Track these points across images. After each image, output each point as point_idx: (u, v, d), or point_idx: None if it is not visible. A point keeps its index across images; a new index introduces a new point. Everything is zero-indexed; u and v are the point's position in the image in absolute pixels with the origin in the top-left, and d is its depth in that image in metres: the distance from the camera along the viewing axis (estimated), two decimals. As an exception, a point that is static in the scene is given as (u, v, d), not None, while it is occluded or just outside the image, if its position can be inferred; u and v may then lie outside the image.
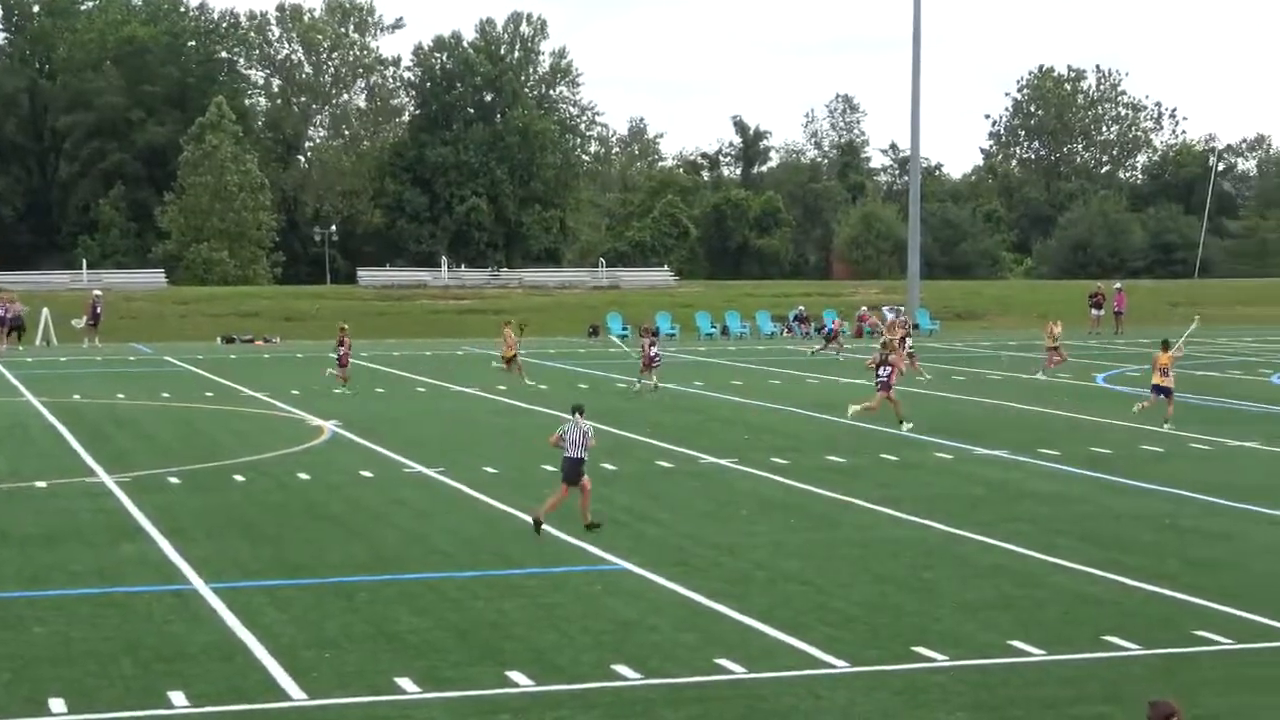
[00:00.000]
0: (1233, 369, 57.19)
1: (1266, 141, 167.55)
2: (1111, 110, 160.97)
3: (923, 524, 26.86)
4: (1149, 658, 18.47)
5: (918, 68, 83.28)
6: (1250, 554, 24.37)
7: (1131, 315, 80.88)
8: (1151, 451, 35.77)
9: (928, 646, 18.85)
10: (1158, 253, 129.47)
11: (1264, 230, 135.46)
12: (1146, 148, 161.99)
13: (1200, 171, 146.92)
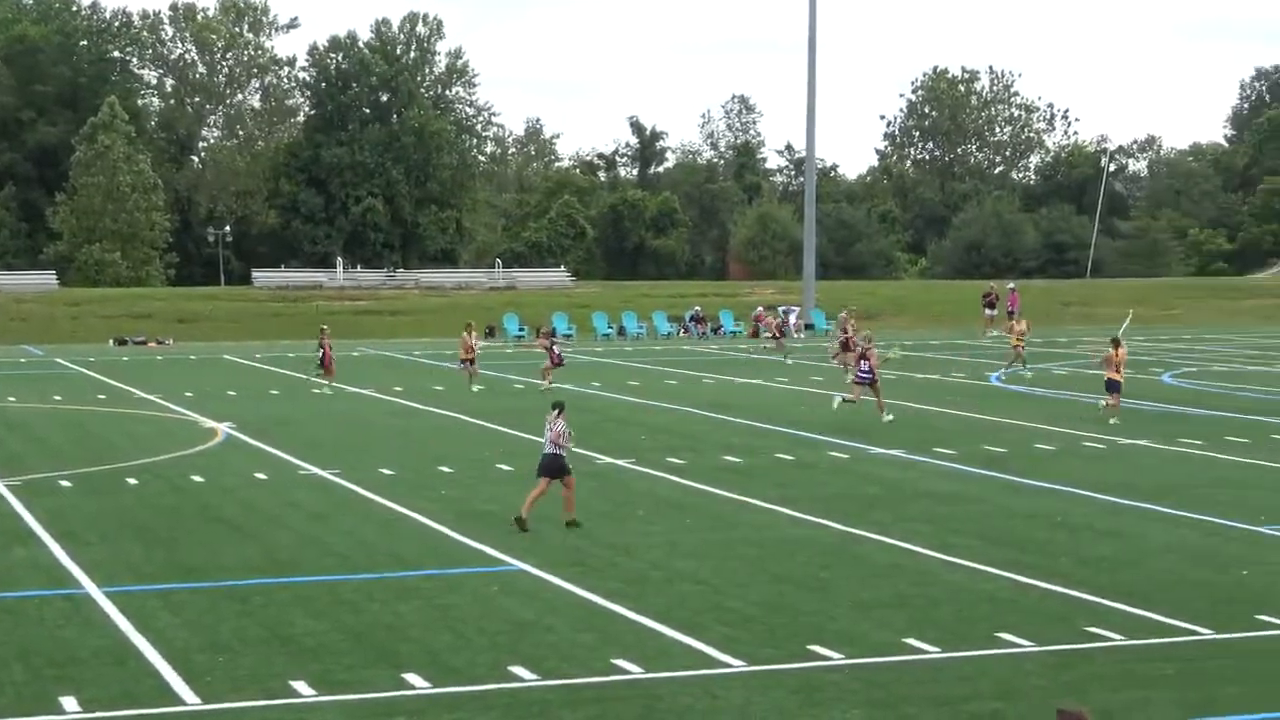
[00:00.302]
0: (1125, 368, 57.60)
1: (1157, 142, 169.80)
2: (1005, 111, 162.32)
3: (819, 523, 26.96)
4: (1042, 654, 18.61)
5: (813, 69, 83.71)
6: (1143, 552, 24.60)
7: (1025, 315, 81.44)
8: (1045, 450, 36.06)
9: (824, 645, 18.92)
10: (1050, 253, 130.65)
11: (1155, 230, 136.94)
12: (1039, 149, 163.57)
13: (1092, 172, 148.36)
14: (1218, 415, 42.31)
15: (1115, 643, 19.08)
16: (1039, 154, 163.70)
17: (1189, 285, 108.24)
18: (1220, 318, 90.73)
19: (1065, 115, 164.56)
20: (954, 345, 70.03)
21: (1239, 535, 25.92)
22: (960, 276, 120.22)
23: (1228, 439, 37.58)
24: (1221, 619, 20.14)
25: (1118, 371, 41.65)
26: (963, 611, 20.66)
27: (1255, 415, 42.18)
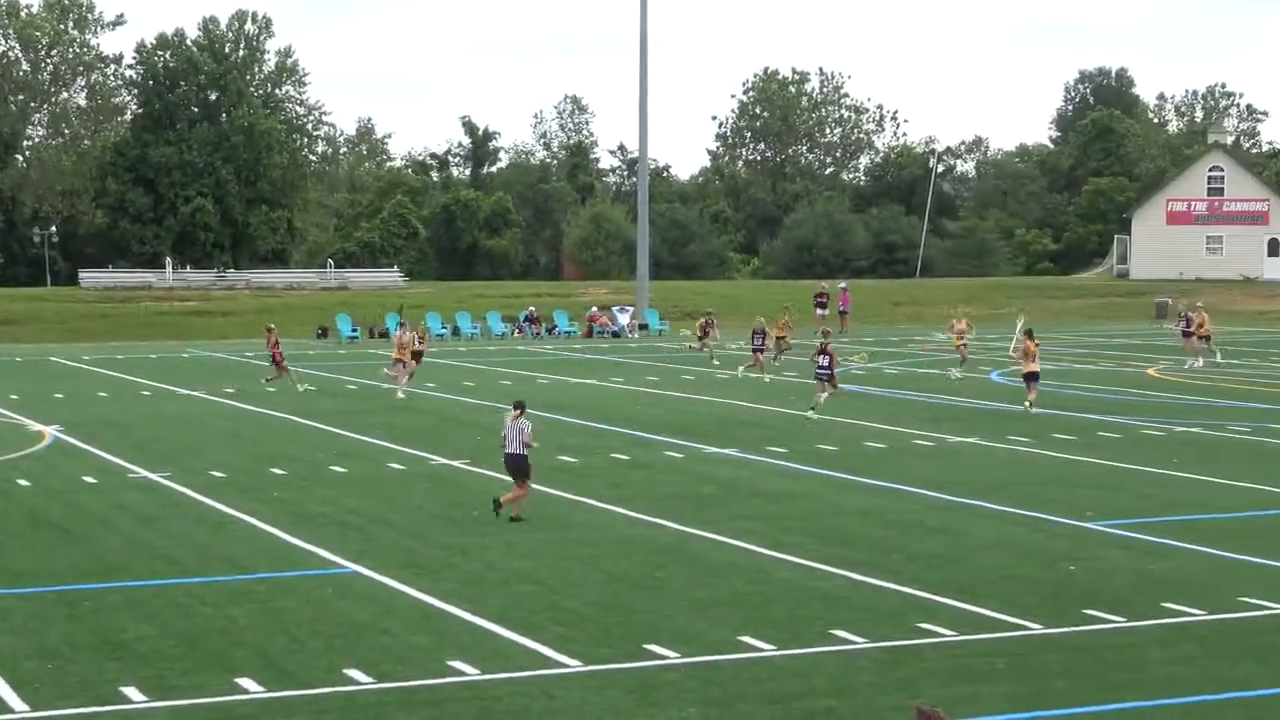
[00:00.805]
0: (953, 367, 58.43)
1: (984, 144, 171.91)
2: (835, 112, 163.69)
3: (655, 523, 27.05)
4: (874, 651, 18.81)
5: (645, 70, 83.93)
6: (972, 548, 24.93)
7: (856, 314, 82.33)
8: (876, 448, 36.43)
9: (660, 644, 18.99)
10: (881, 253, 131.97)
11: (982, 230, 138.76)
12: (869, 149, 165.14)
13: (921, 173, 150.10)
14: (1045, 413, 42.94)
15: (946, 638, 19.32)
16: (869, 155, 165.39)
17: (1016, 285, 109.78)
18: (1047, 316, 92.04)
19: (894, 116, 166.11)
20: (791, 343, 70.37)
21: (1066, 531, 26.34)
22: (792, 276, 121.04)
23: (1055, 436, 38.18)
24: (1050, 614, 20.46)
25: (1034, 362, 42.74)
26: (797, 609, 20.82)
27: (1082, 413, 42.88)
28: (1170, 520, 27.24)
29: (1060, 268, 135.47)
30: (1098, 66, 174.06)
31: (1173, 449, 36.28)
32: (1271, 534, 26.10)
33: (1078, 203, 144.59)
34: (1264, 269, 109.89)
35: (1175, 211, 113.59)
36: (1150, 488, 30.87)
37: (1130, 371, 56.46)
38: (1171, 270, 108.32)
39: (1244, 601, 21.09)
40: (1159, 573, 23.02)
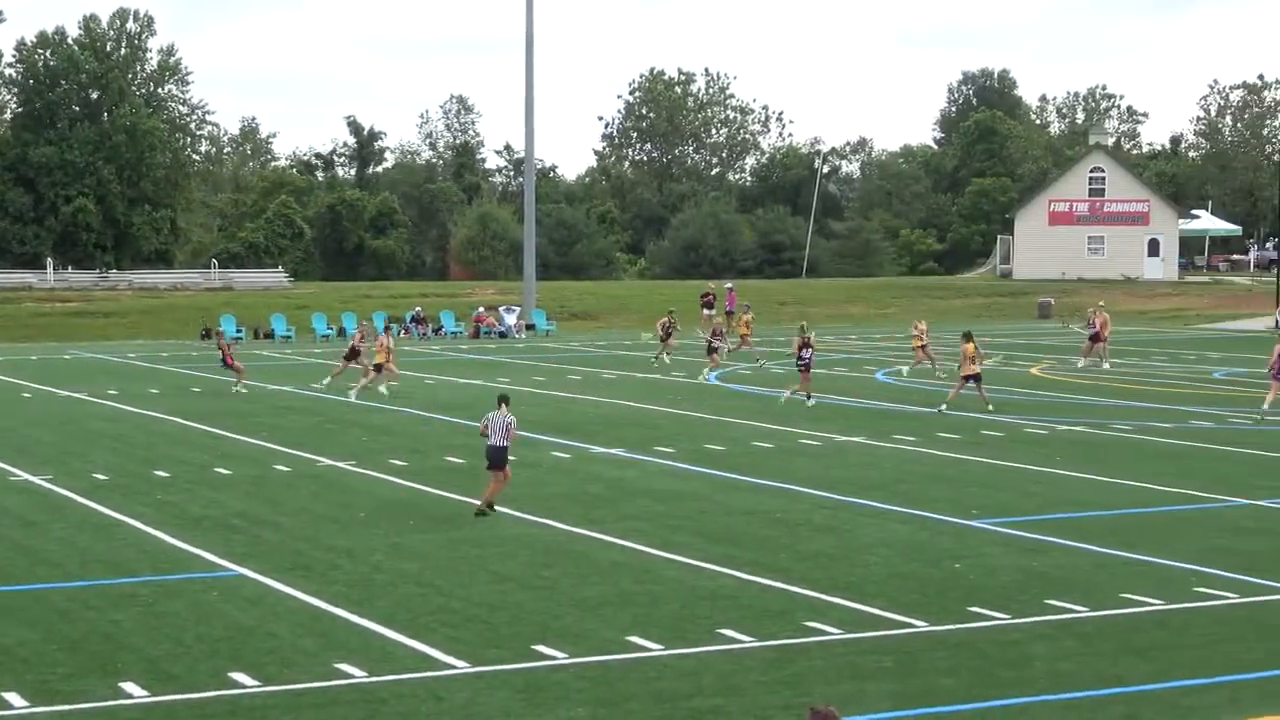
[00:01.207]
0: (839, 366, 58.80)
1: (868, 145, 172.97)
2: (721, 113, 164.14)
3: (542, 523, 27.04)
4: (763, 649, 18.88)
5: (531, 70, 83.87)
6: (859, 547, 25.08)
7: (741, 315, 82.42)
8: (764, 448, 36.56)
9: (548, 644, 18.98)
10: (767, 253, 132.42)
11: (867, 231, 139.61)
12: (755, 150, 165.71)
13: (806, 173, 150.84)
14: (929, 412, 43.28)
15: (833, 637, 19.43)
16: (755, 155, 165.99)
17: (901, 284, 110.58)
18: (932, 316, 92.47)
19: (780, 117, 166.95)
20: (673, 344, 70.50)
21: (951, 529, 26.55)
22: (679, 276, 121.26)
23: (939, 435, 38.48)
24: (935, 611, 20.63)
25: (974, 364, 43.33)
26: (684, 608, 20.87)
27: (965, 412, 43.21)
28: (1053, 518, 27.53)
29: (944, 268, 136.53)
30: (980, 68, 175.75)
31: (1056, 447, 36.66)
32: (1152, 531, 26.43)
33: (961, 203, 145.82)
34: (1144, 269, 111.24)
35: (1057, 212, 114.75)
36: (1034, 486, 31.18)
37: (1014, 370, 56.97)
38: (1054, 270, 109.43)
39: (1125, 598, 21.35)
40: (1042, 570, 23.26)
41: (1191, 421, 41.43)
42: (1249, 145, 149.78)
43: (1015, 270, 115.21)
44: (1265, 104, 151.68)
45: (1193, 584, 22.23)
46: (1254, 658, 18.49)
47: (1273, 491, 30.17)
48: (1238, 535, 26.05)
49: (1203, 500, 29.38)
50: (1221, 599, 21.41)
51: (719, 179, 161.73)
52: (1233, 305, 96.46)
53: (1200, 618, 20.47)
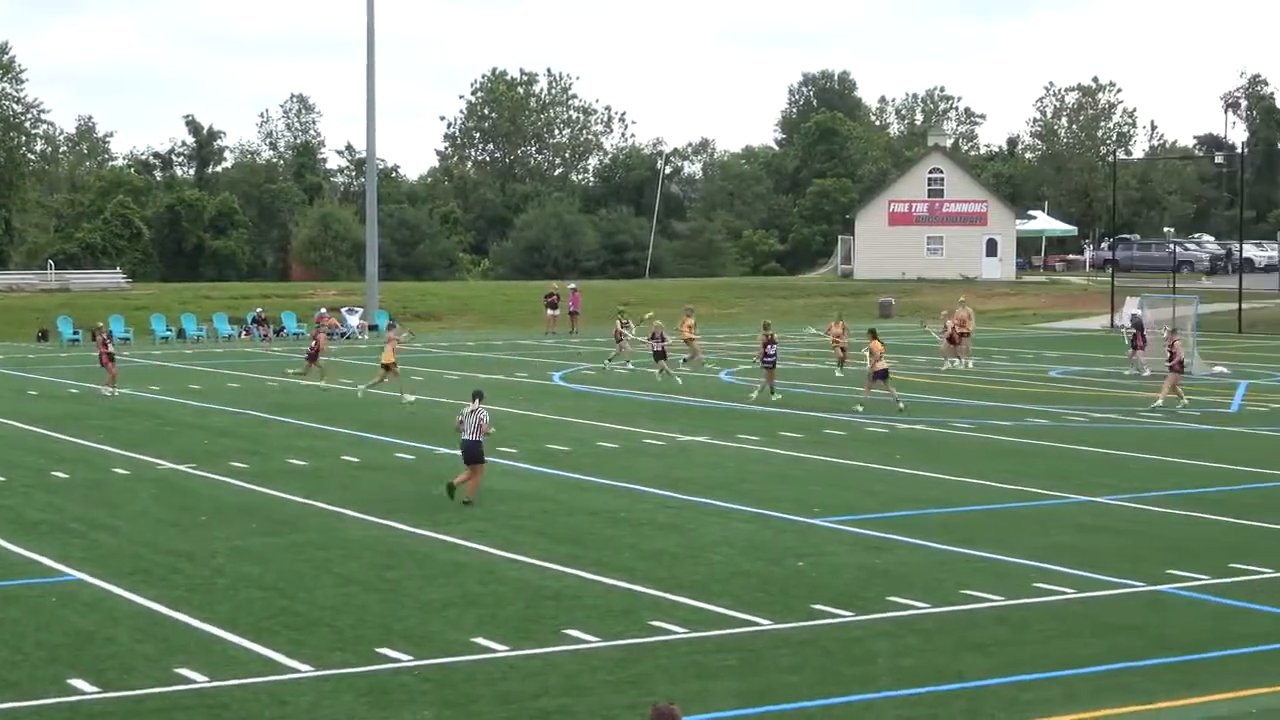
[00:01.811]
0: (683, 366, 58.97)
1: (710, 146, 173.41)
2: (563, 114, 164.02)
3: (385, 525, 26.91)
4: (608, 649, 18.91)
5: (372, 69, 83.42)
6: (703, 545, 25.18)
7: (586, 314, 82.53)
8: (607, 448, 36.62)
9: (392, 647, 18.89)
10: (610, 253, 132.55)
11: (710, 231, 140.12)
12: (597, 151, 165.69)
13: (649, 174, 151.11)
14: (773, 411, 43.55)
15: (678, 636, 19.49)
16: (598, 156, 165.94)
17: (744, 285, 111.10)
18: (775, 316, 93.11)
19: (622, 118, 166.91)
20: (517, 345, 70.57)
21: (794, 528, 26.74)
22: (522, 277, 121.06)
23: (782, 434, 38.73)
24: (779, 609, 20.76)
25: (881, 360, 43.82)
26: (529, 609, 20.86)
27: (808, 411, 43.54)
28: (895, 516, 27.80)
29: (787, 268, 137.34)
30: (821, 70, 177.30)
31: (896, 445, 37.02)
32: (992, 528, 26.76)
33: (802, 204, 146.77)
34: (982, 268, 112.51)
35: (897, 212, 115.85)
36: (875, 484, 31.48)
37: (855, 370, 57.39)
38: (894, 270, 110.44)
39: (966, 594, 21.61)
40: (884, 567, 23.49)
41: (1029, 420, 42.01)
42: (1084, 146, 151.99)
43: (856, 270, 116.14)
44: (1099, 106, 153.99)
45: (1032, 580, 22.54)
46: (1090, 653, 18.77)
47: (1111, 488, 30.67)
48: (1077, 532, 26.45)
49: (1042, 497, 29.81)
50: (1060, 595, 21.73)
51: (562, 179, 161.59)
52: (1069, 305, 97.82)
53: (1039, 613, 20.76)
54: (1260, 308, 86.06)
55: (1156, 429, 40.35)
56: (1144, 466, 33.78)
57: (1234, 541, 25.49)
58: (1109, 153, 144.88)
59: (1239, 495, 30.09)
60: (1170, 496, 29.79)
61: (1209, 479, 32.00)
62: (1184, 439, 38.54)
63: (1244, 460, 34.45)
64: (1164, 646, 19.07)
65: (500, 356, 63.88)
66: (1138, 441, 37.67)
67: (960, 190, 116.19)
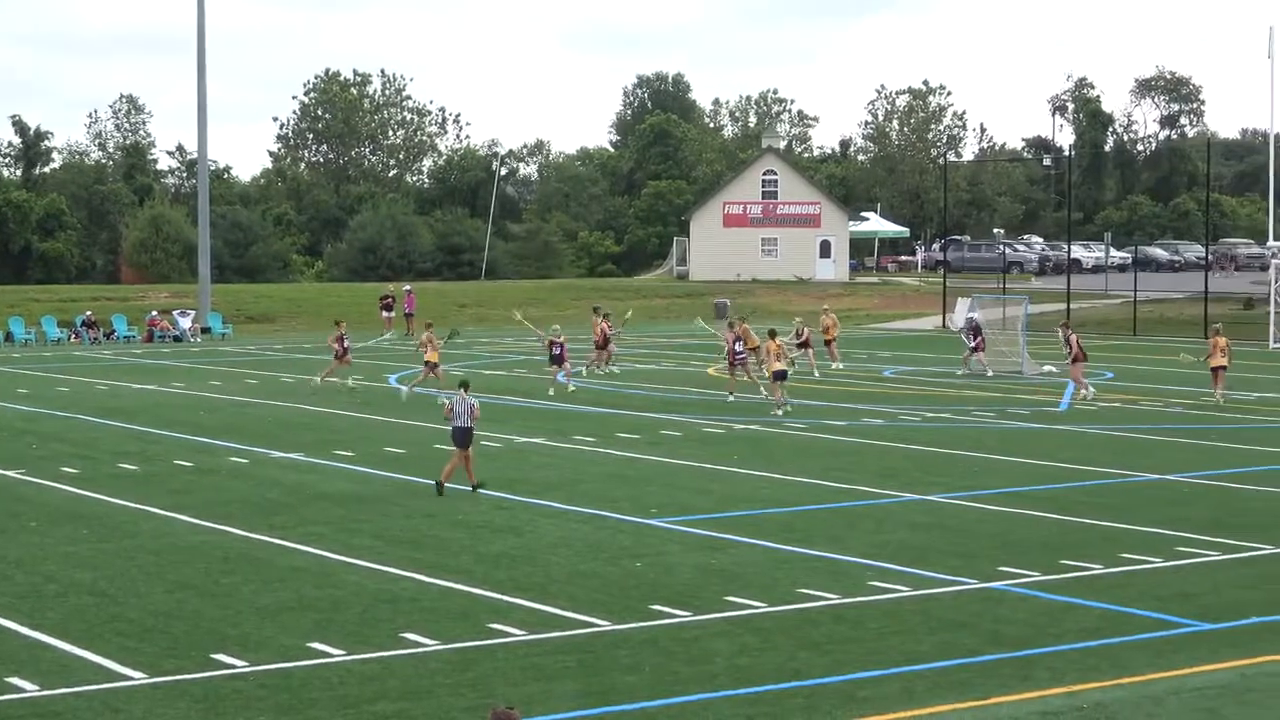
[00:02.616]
0: (519, 368, 58.97)
1: (546, 147, 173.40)
2: (397, 114, 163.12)
3: (219, 529, 26.63)
4: (446, 652, 18.84)
5: (203, 69, 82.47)
6: (540, 547, 25.17)
7: (422, 317, 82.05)
8: (444, 451, 36.44)
9: (227, 653, 18.68)
10: (445, 255, 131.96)
11: (545, 233, 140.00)
12: (432, 152, 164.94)
13: (484, 175, 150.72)
14: (610, 412, 43.63)
15: (517, 638, 19.46)
16: (432, 157, 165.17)
17: (580, 286, 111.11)
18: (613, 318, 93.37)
19: (457, 119, 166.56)
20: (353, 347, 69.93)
21: (631, 528, 26.79)
22: (357, 279, 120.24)
23: (619, 435, 38.81)
24: (617, 610, 20.79)
25: (779, 360, 44.20)
26: (366, 613, 20.74)
27: (645, 412, 43.67)
28: (731, 515, 27.95)
29: (623, 269, 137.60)
30: (655, 71, 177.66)
31: (732, 445, 37.22)
32: (826, 526, 26.99)
33: (638, 205, 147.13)
34: (816, 270, 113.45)
35: (732, 214, 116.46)
36: (711, 484, 31.63)
37: (691, 370, 57.69)
38: (729, 272, 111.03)
39: (801, 593, 21.76)
40: (721, 567, 23.60)
41: (863, 419, 42.41)
42: (915, 149, 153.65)
43: (691, 272, 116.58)
44: (930, 109, 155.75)
45: (867, 578, 22.75)
46: (925, 649, 18.98)
47: (943, 486, 31.03)
48: (910, 530, 26.73)
49: (876, 496, 30.10)
50: (895, 592, 21.95)
51: (397, 181, 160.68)
52: (901, 305, 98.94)
53: (874, 611, 20.96)
54: (1088, 308, 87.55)
55: (988, 428, 40.90)
56: (975, 465, 34.22)
57: (1063, 538, 25.90)
58: (940, 155, 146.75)
59: (1068, 493, 30.57)
60: (1001, 494, 30.20)
61: (1039, 477, 32.49)
62: (1014, 438, 39.10)
63: (1072, 458, 35.02)
64: (997, 642, 19.32)
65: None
66: (969, 440, 38.16)
67: (794, 192, 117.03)
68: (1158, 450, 36.83)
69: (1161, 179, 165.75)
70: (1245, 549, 24.96)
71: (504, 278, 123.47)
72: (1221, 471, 33.24)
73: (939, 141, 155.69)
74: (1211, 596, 21.79)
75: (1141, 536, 25.94)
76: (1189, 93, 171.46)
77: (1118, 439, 38.83)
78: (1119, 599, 21.49)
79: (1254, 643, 19.28)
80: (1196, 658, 18.64)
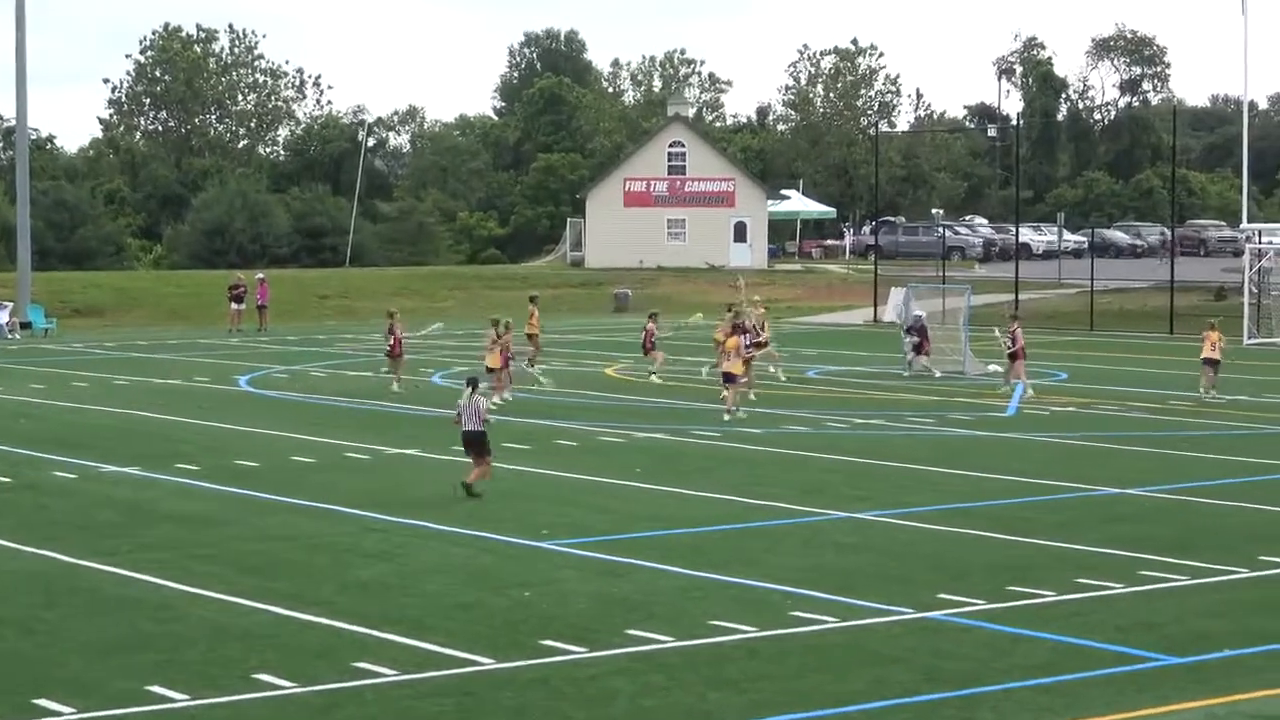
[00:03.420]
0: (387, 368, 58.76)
1: (420, 115, 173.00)
2: (248, 76, 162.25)
3: (41, 555, 26.43)
4: (306, 695, 18.76)
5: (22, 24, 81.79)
6: (415, 574, 25.11)
7: (277, 309, 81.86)
8: (303, 463, 36.36)
9: (52, 698, 18.54)
10: (305, 238, 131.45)
11: (420, 213, 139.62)
12: (289, 120, 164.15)
13: (349, 146, 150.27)
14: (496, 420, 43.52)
15: (387, 678, 19.41)
16: (288, 126, 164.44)
17: (459, 274, 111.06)
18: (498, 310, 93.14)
19: (317, 82, 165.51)
20: (197, 344, 69.75)
21: (519, 552, 26.78)
22: (203, 266, 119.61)
23: (506, 445, 38.71)
24: (503, 646, 20.77)
25: (733, 360, 44.57)
26: (213, 651, 20.62)
27: (535, 418, 43.65)
28: (633, 537, 28.00)
29: (509, 255, 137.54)
30: (545, 28, 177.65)
31: (634, 457, 37.27)
32: (742, 549, 27.06)
33: (526, 182, 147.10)
34: (730, 256, 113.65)
35: (634, 192, 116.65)
36: (611, 500, 31.68)
37: (587, 371, 57.77)
38: (631, 257, 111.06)
39: (714, 625, 21.80)
40: (622, 595, 23.63)
41: (784, 426, 42.57)
42: (842, 118, 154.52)
43: (588, 258, 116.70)
44: (859, 72, 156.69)
45: (788, 607, 22.83)
46: (855, 688, 19.06)
47: (875, 503, 31.20)
48: (837, 552, 26.86)
49: (798, 514, 30.20)
50: (820, 624, 22.03)
51: (248, 153, 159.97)
52: (827, 296, 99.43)
53: (797, 645, 21.03)
54: (1039, 299, 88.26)
55: (925, 436, 41.18)
56: (911, 478, 34.43)
57: (1011, 561, 26.09)
58: (870, 125, 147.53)
59: (1016, 509, 30.81)
60: (940, 512, 30.39)
61: (983, 492, 32.72)
62: (955, 447, 39.37)
63: (1021, 470, 35.28)
64: (936, 680, 19.43)
65: (177, 358, 63.06)
66: (904, 450, 38.39)
67: (704, 167, 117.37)
68: (1117, 460, 37.19)
69: (1122, 152, 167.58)
70: (1214, 572, 25.23)
71: (372, 264, 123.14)
72: (1188, 484, 33.59)
73: (869, 109, 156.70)
74: (1177, 626, 22.01)
75: (1099, 558, 26.17)
76: (1152, 55, 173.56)
77: (1072, 447, 39.17)
78: (1073, 630, 21.67)
79: (1224, 679, 19.48)
80: (1161, 696, 18.81)
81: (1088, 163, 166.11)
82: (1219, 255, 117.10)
